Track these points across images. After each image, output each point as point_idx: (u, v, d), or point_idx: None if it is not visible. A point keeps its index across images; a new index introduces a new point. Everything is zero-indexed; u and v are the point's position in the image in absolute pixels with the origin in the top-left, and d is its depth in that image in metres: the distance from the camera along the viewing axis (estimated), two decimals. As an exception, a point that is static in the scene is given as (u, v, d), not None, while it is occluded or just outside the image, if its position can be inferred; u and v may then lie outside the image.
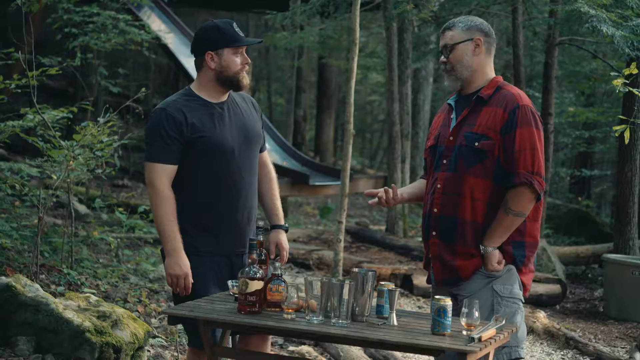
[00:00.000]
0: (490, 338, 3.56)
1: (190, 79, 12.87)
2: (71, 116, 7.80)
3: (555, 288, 9.14)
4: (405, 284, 9.05)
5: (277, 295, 3.84)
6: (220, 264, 4.27)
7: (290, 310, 3.75)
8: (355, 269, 3.80)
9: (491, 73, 4.19)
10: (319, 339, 3.62)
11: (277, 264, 3.89)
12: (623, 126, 6.22)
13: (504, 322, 3.73)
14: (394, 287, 3.79)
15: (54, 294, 6.48)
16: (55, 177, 7.58)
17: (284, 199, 14.69)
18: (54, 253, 8.05)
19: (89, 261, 8.33)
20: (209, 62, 4.26)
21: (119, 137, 7.88)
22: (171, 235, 4.18)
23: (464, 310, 3.60)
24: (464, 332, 3.58)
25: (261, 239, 3.94)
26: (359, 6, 7.56)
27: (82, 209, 10.96)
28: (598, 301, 9.60)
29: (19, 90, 7.74)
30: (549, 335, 7.35)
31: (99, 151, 7.67)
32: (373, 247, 11.37)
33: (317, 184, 11.94)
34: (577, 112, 15.98)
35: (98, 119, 7.79)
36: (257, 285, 3.77)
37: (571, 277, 10.99)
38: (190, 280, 4.16)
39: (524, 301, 4.18)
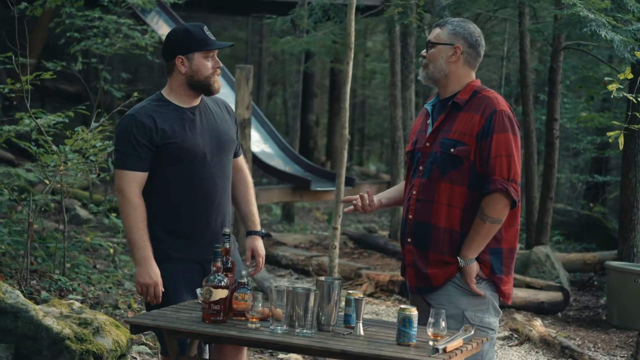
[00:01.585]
0: (456, 349, 3.47)
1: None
2: (67, 121, 7.77)
3: (557, 295, 9.01)
4: (404, 291, 8.96)
5: (243, 303, 3.77)
6: (193, 271, 4.21)
7: (254, 320, 3.68)
8: (322, 278, 3.73)
9: (468, 79, 4.11)
10: (281, 350, 3.54)
11: (244, 272, 3.82)
12: (617, 132, 6.11)
13: (472, 332, 3.64)
14: (361, 296, 3.71)
15: (37, 301, 6.44)
16: (48, 182, 7.56)
17: (288, 205, 14.64)
18: (49, 258, 8.03)
19: (85, 267, 8.29)
20: (180, 66, 4.20)
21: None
22: (140, 243, 4.12)
23: (430, 320, 3.52)
24: (430, 343, 3.50)
25: (227, 246, 3.87)
26: (353, 11, 7.48)
27: (84, 213, 10.94)
28: (602, 309, 9.46)
29: (12, 95, 7.73)
30: (545, 344, 7.24)
31: (93, 156, 7.64)
32: (376, 253, 11.28)
33: (319, 189, 11.88)
34: (589, 117, 15.82)
35: (93, 123, 7.77)
36: (221, 293, 3.70)
37: (577, 284, 10.85)
38: (161, 288, 4.11)
39: (495, 330, 4.09)
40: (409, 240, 4.08)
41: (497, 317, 4.09)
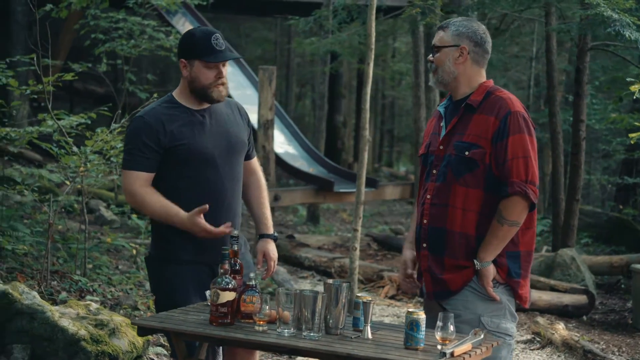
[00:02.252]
0: (464, 353, 3.43)
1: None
2: (89, 122, 7.79)
3: (581, 298, 8.91)
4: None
5: (250, 306, 3.74)
6: (202, 273, 4.19)
7: (262, 322, 3.66)
8: (330, 281, 3.70)
9: (479, 79, 4.06)
10: (287, 353, 3.52)
11: (252, 275, 3.80)
12: (638, 133, 6.03)
13: (482, 336, 3.59)
14: (369, 299, 3.68)
15: (55, 302, 6.46)
16: (68, 183, 7.59)
17: (313, 206, 14.61)
18: (70, 259, 8.05)
19: (107, 268, 8.32)
20: (183, 69, 4.19)
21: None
22: (172, 211, 4.08)
23: (439, 323, 3.48)
24: (438, 347, 3.45)
25: (235, 248, 3.84)
26: (374, 12, 7.45)
27: (109, 214, 10.97)
28: (628, 313, 9.35)
29: (41, 96, 7.77)
30: (567, 348, 7.15)
31: (114, 157, 7.66)
32: (399, 255, 11.20)
33: (342, 190, 11.83)
34: (618, 118, 15.64)
35: (113, 124, 7.79)
36: (228, 296, 3.68)
37: (604, 288, 10.72)
38: (213, 228, 4.06)
39: (513, 335, 4.03)
40: (424, 245, 4.04)
41: (514, 322, 4.04)
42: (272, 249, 4.46)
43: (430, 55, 4.08)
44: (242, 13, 19.80)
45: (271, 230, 4.50)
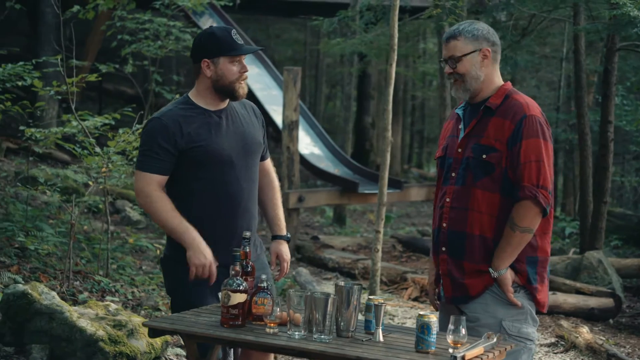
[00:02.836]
0: (476, 357, 3.38)
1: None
2: (113, 123, 7.82)
3: (607, 302, 8.80)
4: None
5: (262, 308, 3.73)
6: (219, 274, 4.17)
7: (273, 325, 3.64)
8: (341, 283, 3.67)
9: (499, 81, 4.04)
10: (297, 355, 3.49)
11: (264, 276, 3.77)
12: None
13: (495, 339, 3.55)
14: (381, 301, 3.64)
15: (76, 302, 6.48)
16: (91, 184, 7.62)
17: (339, 207, 14.57)
18: (94, 259, 8.09)
19: (130, 268, 8.35)
20: (205, 70, 4.17)
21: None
22: (182, 228, 4.08)
23: (450, 326, 3.44)
24: (450, 350, 3.42)
25: (247, 250, 3.82)
26: (397, 12, 7.41)
27: (135, 214, 11.02)
28: (656, 316, 9.23)
29: (58, 97, 7.81)
30: (591, 352, 7.06)
31: (136, 158, 7.67)
32: (424, 257, 11.16)
33: (367, 192, 11.78)
34: (647, 119, 15.47)
35: (135, 124, 7.80)
36: (240, 297, 3.66)
37: (632, 290, 10.59)
38: (215, 267, 4.06)
39: (534, 340, 3.98)
40: (444, 249, 4.00)
41: (535, 326, 4.00)
42: (285, 250, 4.45)
43: (448, 67, 4.01)
44: (269, 14, 19.80)
45: (284, 232, 4.50)
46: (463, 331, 3.43)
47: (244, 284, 3.69)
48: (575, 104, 11.69)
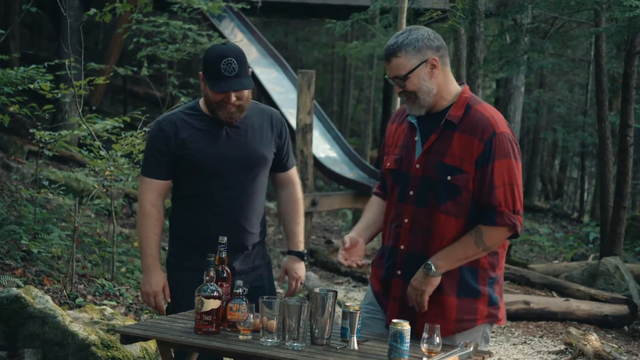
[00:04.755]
0: (449, 367, 3.30)
1: (262, 90, 12.84)
2: (122, 126, 7.81)
3: (622, 308, 8.65)
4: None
5: (237, 314, 3.66)
6: None
7: (246, 331, 3.57)
8: (316, 289, 3.60)
9: (454, 87, 3.68)
10: (268, 363, 3.43)
11: (240, 282, 3.71)
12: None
13: (472, 348, 3.46)
14: (356, 308, 3.56)
15: (76, 306, 6.47)
16: (96, 186, 7.62)
17: (358, 211, 14.47)
18: (102, 262, 8.08)
19: (139, 271, 8.33)
20: (201, 82, 4.10)
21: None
22: (147, 251, 4.12)
23: (425, 335, 3.36)
24: (424, 359, 3.34)
25: (222, 255, 3.75)
26: (404, 15, 7.34)
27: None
28: (673, 324, 9.07)
29: (66, 99, 7.82)
30: (599, 359, 6.94)
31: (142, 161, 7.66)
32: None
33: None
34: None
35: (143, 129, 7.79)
36: (213, 304, 3.60)
37: (651, 297, 10.43)
38: (161, 299, 4.07)
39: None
40: (399, 272, 3.75)
41: (487, 344, 3.80)
42: (296, 267, 4.32)
43: (396, 87, 3.67)
44: (291, 17, 19.77)
45: (300, 248, 4.35)
46: (437, 339, 3.35)
47: (218, 290, 3.62)
48: (597, 108, 11.54)
